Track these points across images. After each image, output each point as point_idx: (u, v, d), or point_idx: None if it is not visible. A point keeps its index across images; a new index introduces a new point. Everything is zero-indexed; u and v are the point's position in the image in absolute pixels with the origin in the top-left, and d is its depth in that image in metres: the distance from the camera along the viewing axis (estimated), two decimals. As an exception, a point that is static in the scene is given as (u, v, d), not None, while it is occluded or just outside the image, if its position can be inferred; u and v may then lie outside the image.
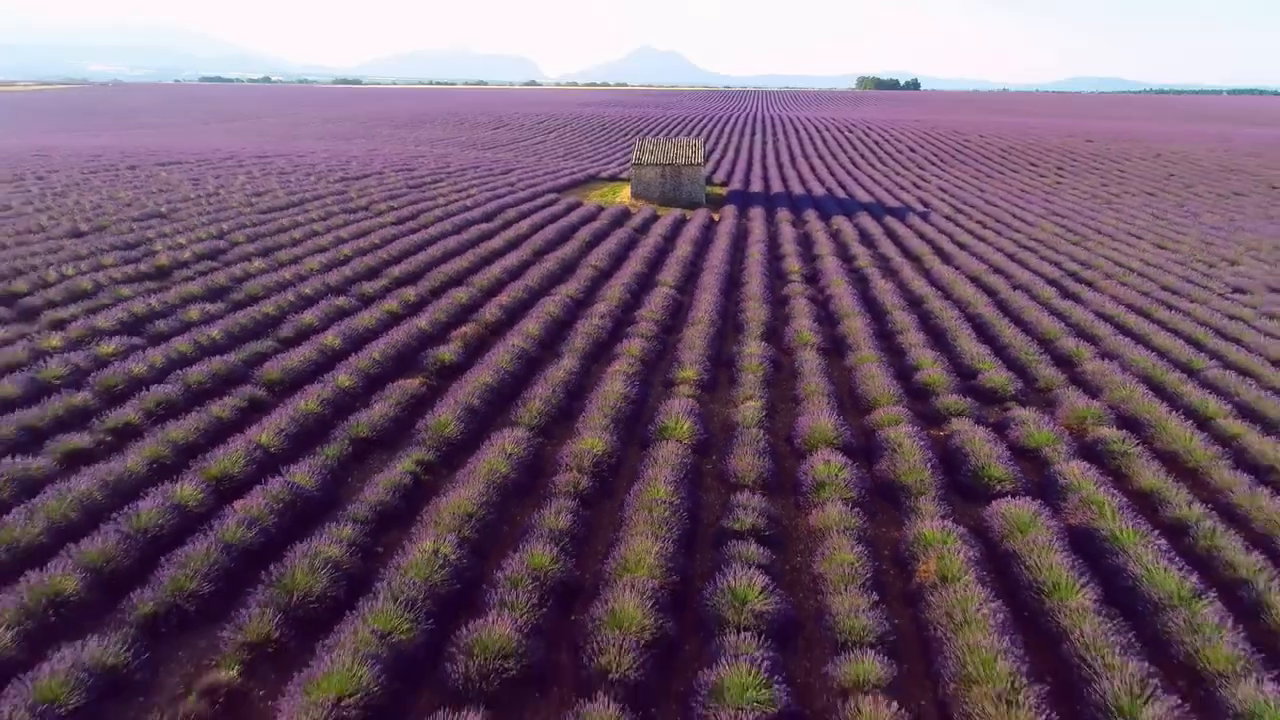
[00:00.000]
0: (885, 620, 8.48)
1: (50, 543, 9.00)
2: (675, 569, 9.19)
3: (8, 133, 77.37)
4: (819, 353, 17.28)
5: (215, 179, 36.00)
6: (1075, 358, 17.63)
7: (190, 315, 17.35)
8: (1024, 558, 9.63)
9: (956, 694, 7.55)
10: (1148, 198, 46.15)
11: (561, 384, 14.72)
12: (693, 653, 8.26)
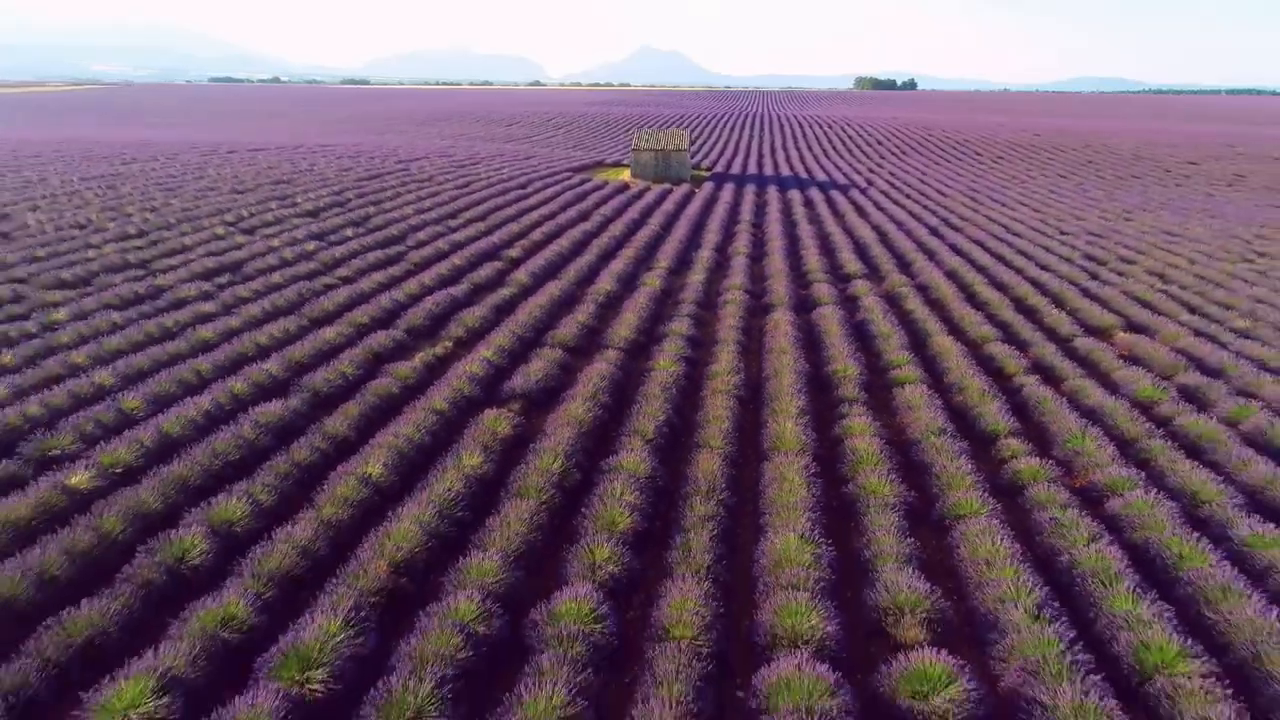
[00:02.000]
0: (741, 332, 18.37)
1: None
2: (650, 319, 19.10)
3: (78, 128, 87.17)
4: (747, 258, 27.16)
5: (305, 161, 45.87)
6: (912, 262, 27.51)
7: (347, 233, 27.25)
8: (825, 327, 19.56)
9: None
10: (1058, 179, 55.92)
11: (586, 267, 24.62)
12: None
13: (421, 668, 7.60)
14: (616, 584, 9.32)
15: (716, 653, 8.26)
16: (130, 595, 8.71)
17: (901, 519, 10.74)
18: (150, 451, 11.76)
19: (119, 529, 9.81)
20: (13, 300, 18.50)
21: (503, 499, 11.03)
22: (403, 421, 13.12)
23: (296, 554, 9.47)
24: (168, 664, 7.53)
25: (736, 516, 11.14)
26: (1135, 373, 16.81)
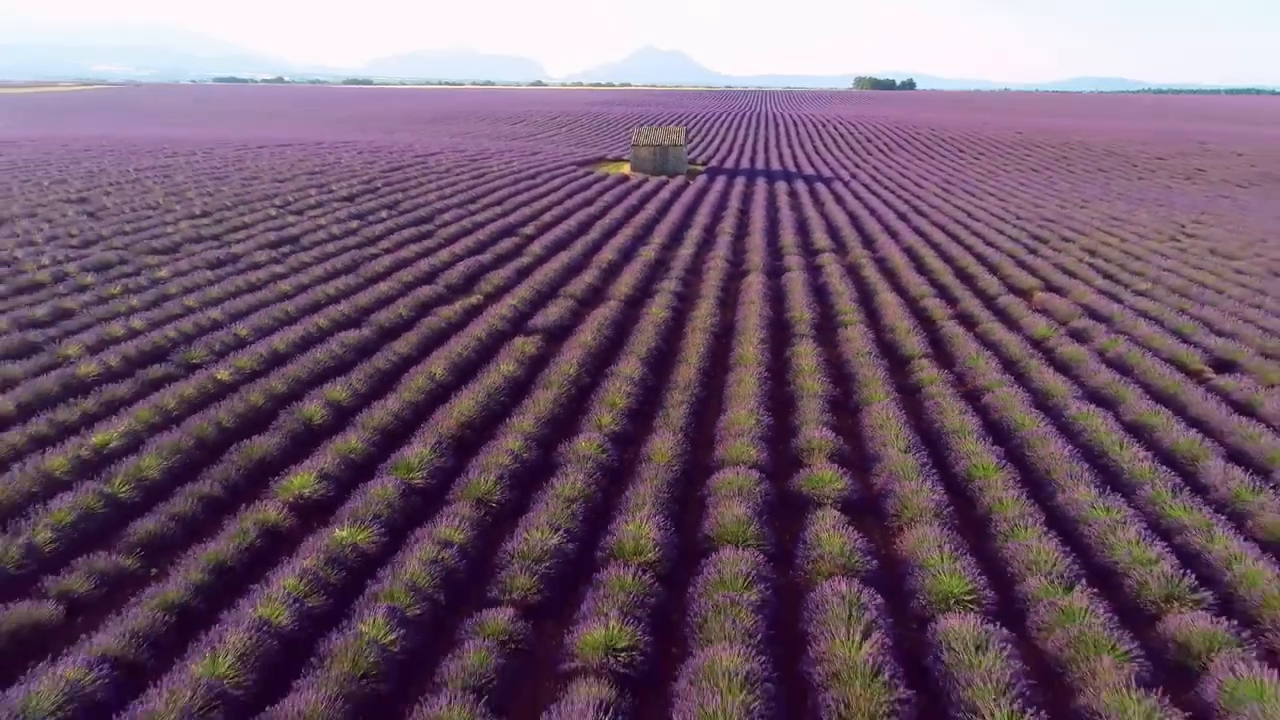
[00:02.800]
0: (720, 290, 22.33)
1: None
2: (645, 280, 23.04)
3: (103, 126, 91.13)
4: (732, 236, 31.10)
5: (330, 155, 49.81)
6: (875, 240, 31.44)
7: (382, 215, 31.20)
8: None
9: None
10: (1030, 173, 59.80)
11: (591, 242, 28.57)
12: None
13: (486, 471, 11.56)
14: (616, 437, 13.27)
15: (683, 471, 12.21)
16: (282, 436, 12.68)
17: (825, 404, 14.68)
18: (267, 360, 15.73)
19: (261, 401, 13.79)
20: (120, 262, 22.47)
21: (532, 390, 14.99)
22: (453, 344, 17.08)
23: (390, 417, 13.43)
24: (321, 466, 11.50)
25: (705, 404, 15.09)
26: (1038, 320, 20.77)
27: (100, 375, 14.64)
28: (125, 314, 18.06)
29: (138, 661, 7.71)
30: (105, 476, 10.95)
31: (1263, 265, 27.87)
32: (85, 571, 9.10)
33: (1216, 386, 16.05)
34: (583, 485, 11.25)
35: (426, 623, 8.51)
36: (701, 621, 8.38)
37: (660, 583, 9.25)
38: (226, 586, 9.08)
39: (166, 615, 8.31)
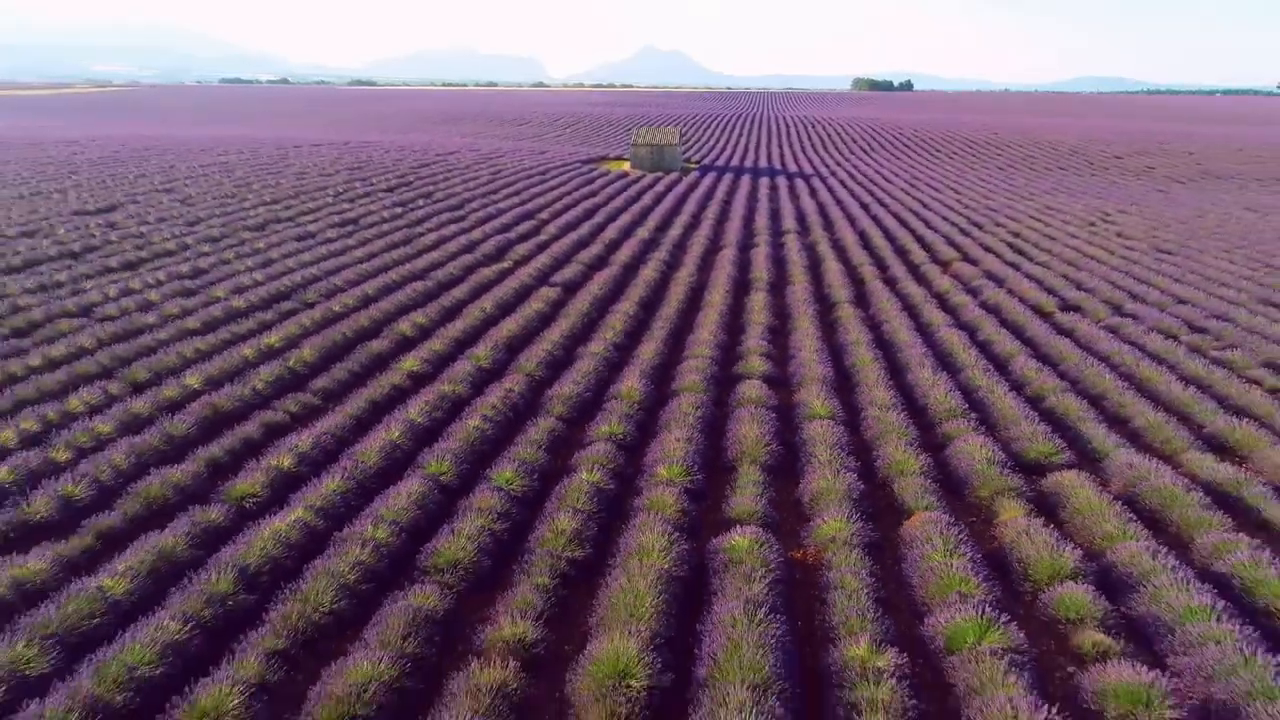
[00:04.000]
0: (700, 260, 28.27)
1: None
2: (639, 252, 28.95)
3: (137, 127, 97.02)
4: (714, 221, 36.99)
5: (362, 153, 55.67)
6: (835, 224, 37.32)
7: (420, 203, 37.06)
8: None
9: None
10: (995, 170, 65.66)
11: (595, 225, 34.46)
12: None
13: (529, 360, 17.44)
14: (617, 346, 19.15)
15: (661, 363, 18.09)
16: (388, 341, 18.60)
17: (765, 330, 20.56)
18: (361, 300, 21.64)
19: (368, 322, 19.71)
20: (224, 236, 28.38)
21: (557, 320, 20.89)
22: (495, 291, 23.02)
23: (459, 332, 19.35)
24: (421, 357, 17.40)
25: (680, 330, 20.98)
26: (946, 281, 26.68)
27: (247, 308, 20.56)
28: (246, 271, 23.99)
29: (344, 436, 13.60)
30: (283, 359, 16.86)
31: (1151, 245, 33.72)
32: (293, 402, 15.01)
33: (1055, 321, 21.96)
34: (594, 368, 17.15)
35: (507, 421, 14.39)
36: (667, 424, 14.26)
37: (643, 410, 15.16)
38: (377, 413, 14.93)
39: (349, 420, 14.19)
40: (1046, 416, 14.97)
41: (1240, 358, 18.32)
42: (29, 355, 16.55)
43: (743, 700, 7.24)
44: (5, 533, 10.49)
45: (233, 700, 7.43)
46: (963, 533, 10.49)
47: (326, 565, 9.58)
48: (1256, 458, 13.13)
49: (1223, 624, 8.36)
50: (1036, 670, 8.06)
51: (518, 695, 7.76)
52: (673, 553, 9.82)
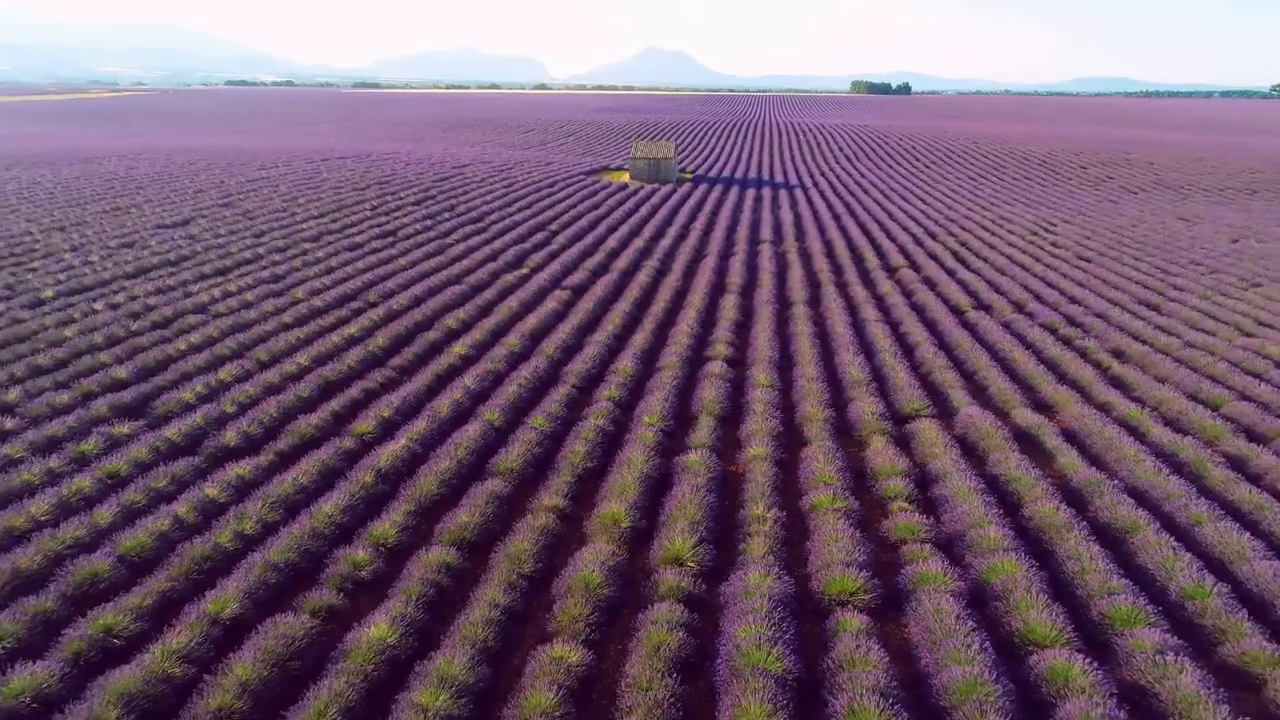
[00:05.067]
0: (686, 266, 33.93)
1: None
2: (636, 259, 34.58)
3: (162, 136, 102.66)
4: (702, 232, 42.56)
5: (386, 167, 61.24)
6: (807, 234, 42.87)
7: (445, 216, 42.63)
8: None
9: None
10: (966, 179, 71.14)
11: (598, 235, 40.03)
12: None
13: (550, 345, 23.04)
14: (616, 336, 24.71)
15: (649, 349, 23.67)
16: (439, 333, 24.18)
17: (732, 324, 26.11)
18: (411, 301, 27.19)
19: (420, 317, 25.27)
20: (288, 246, 33.97)
21: (569, 317, 26.46)
22: (518, 294, 28.60)
23: (494, 325, 24.92)
24: (466, 344, 23.00)
25: (666, 324, 26.52)
26: (889, 285, 32.24)
27: (325, 306, 26.16)
28: (315, 276, 29.59)
29: (420, 397, 19.17)
30: (365, 345, 22.45)
31: (1076, 254, 39.24)
32: (379, 374, 20.60)
33: (965, 318, 27.53)
34: (598, 353, 22.74)
35: (536, 387, 19.95)
36: (651, 390, 19.80)
37: (635, 381, 20.74)
38: (441, 383, 20.45)
39: (422, 388, 19.75)
40: (927, 385, 20.57)
41: (1093, 345, 23.92)
42: (175, 342, 22.15)
43: (684, 532, 12.83)
44: (213, 453, 16.08)
45: (392, 531, 13.04)
46: (840, 455, 16.06)
47: (430, 469, 15.19)
48: (1063, 413, 18.70)
49: (978, 497, 13.92)
50: (861, 520, 13.63)
51: (556, 531, 13.36)
52: (650, 464, 15.43)
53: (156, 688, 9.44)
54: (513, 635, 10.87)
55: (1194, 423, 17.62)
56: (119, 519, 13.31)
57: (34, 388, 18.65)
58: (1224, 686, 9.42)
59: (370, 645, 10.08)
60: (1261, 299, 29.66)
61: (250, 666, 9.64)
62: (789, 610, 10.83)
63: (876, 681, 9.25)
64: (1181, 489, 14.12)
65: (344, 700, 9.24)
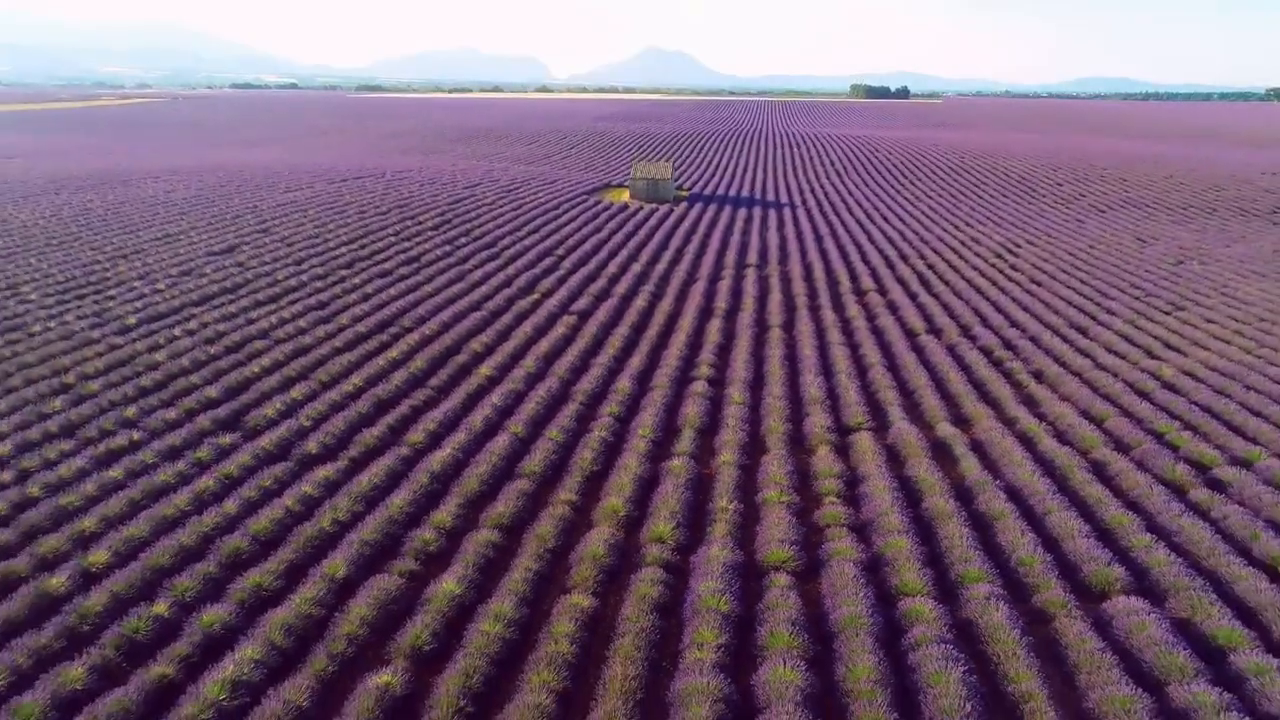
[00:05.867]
0: (678, 290, 38.48)
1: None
2: (634, 285, 39.10)
3: (185, 153, 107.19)
4: (694, 256, 47.03)
5: (403, 188, 65.70)
6: (789, 257, 47.33)
7: (461, 241, 47.09)
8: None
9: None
10: (948, 197, 75.53)
11: (600, 260, 44.52)
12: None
13: (561, 366, 27.53)
14: (616, 359, 29.20)
15: (644, 369, 28.15)
16: (468, 356, 28.69)
17: (716, 347, 30.57)
18: (440, 327, 31.65)
19: (450, 342, 29.77)
20: (327, 274, 38.46)
21: (576, 340, 30.93)
22: (532, 319, 33.08)
23: (513, 349, 29.42)
24: (492, 365, 27.51)
25: (659, 346, 30.96)
26: (856, 308, 36.71)
27: (368, 332, 30.64)
28: (355, 303, 34.07)
29: (458, 413, 23.66)
30: (406, 367, 26.93)
31: (1030, 277, 43.66)
32: (421, 393, 25.07)
33: (917, 340, 31.98)
34: (601, 374, 27.20)
35: (550, 404, 24.41)
36: (645, 406, 24.26)
37: (632, 399, 25.20)
38: (472, 400, 24.91)
39: (458, 404, 24.23)
40: (872, 403, 25.03)
41: (1018, 366, 28.39)
42: (249, 365, 26.64)
43: (666, 519, 17.30)
44: (301, 459, 20.56)
45: (448, 518, 17.52)
46: (791, 461, 20.52)
47: (472, 471, 19.68)
48: (976, 426, 23.16)
49: (889, 494, 18.34)
50: (800, 511, 18.09)
51: (570, 518, 17.85)
52: (642, 467, 19.91)
53: (303, 621, 13.94)
54: (542, 589, 15.34)
55: (1077, 435, 22.09)
56: (242, 510, 17.80)
57: (145, 406, 23.17)
58: (1026, 621, 13.89)
59: (445, 595, 14.57)
60: (1178, 323, 34.13)
61: (365, 608, 14.13)
62: (737, 573, 15.32)
63: (791, 617, 13.73)
64: (1045, 488, 18.59)
65: (431, 629, 13.73)
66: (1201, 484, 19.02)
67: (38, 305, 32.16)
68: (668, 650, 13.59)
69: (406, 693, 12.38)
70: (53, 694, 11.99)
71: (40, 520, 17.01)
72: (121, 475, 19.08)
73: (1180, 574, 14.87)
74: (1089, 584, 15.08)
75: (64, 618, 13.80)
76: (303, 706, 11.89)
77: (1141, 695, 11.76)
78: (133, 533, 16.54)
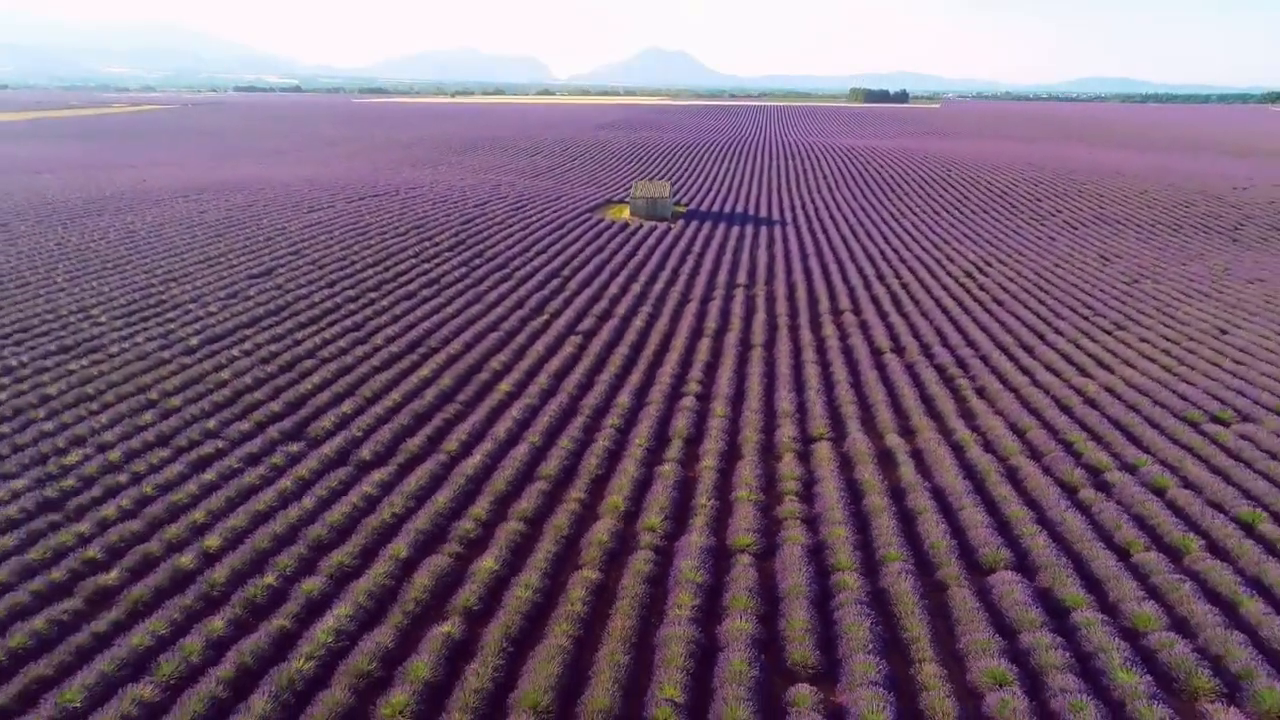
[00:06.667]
0: (672, 311, 43.01)
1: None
2: (632, 306, 43.61)
3: (203, 166, 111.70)
4: (688, 276, 51.47)
5: (417, 207, 70.14)
6: (775, 277, 51.78)
7: (476, 263, 51.56)
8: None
9: (680, 318, 41.97)
10: (930, 212, 79.88)
11: (602, 282, 48.99)
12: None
13: (569, 382, 32.01)
14: (619, 374, 33.66)
15: (642, 385, 32.61)
16: (489, 374, 33.17)
17: (704, 365, 35.02)
18: (463, 348, 36.12)
19: (474, 360, 34.26)
20: (359, 296, 42.91)
21: (582, 358, 35.38)
22: (543, 339, 37.54)
23: (528, 366, 33.88)
24: (511, 382, 31.98)
25: (655, 364, 35.41)
26: (831, 328, 41.14)
27: (401, 352, 35.08)
28: (386, 325, 38.52)
29: (483, 425, 28.12)
30: (436, 384, 31.37)
31: (994, 296, 48.07)
32: (451, 407, 29.53)
33: (881, 359, 36.40)
34: (604, 390, 31.64)
35: (562, 417, 28.86)
36: (642, 419, 28.70)
37: (630, 413, 29.66)
38: (494, 414, 29.36)
39: (483, 418, 28.68)
40: (835, 416, 29.46)
41: (965, 383, 32.79)
42: (302, 383, 31.07)
43: (656, 513, 21.76)
44: (358, 464, 25.03)
45: (483, 513, 22.00)
46: (761, 466, 24.94)
47: (499, 475, 24.13)
48: (919, 437, 27.57)
49: (837, 494, 22.75)
50: (764, 507, 22.52)
51: (580, 513, 22.31)
52: (638, 472, 24.37)
53: (379, 588, 18.39)
54: (559, 566, 19.79)
55: (1001, 444, 26.52)
56: (318, 505, 22.26)
57: (223, 419, 27.64)
58: (927, 589, 18.33)
59: (485, 570, 19.02)
60: (1115, 342, 38.55)
61: (425, 579, 18.59)
62: (711, 554, 19.76)
63: (749, 586, 18.17)
64: (964, 488, 23.02)
65: (477, 594, 18.18)
66: (1091, 485, 23.45)
67: (109, 327, 36.62)
68: (655, 610, 18.03)
69: (463, 639, 16.84)
70: (205, 638, 16.47)
71: (159, 513, 21.50)
72: (215, 478, 23.56)
73: (1052, 555, 19.30)
74: (981, 562, 19.51)
75: (199, 586, 18.28)
76: (388, 648, 16.35)
77: (998, 639, 16.20)
78: (235, 523, 21.00)
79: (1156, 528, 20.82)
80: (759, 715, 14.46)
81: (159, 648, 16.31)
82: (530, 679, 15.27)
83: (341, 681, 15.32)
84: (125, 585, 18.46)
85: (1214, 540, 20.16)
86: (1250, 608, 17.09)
